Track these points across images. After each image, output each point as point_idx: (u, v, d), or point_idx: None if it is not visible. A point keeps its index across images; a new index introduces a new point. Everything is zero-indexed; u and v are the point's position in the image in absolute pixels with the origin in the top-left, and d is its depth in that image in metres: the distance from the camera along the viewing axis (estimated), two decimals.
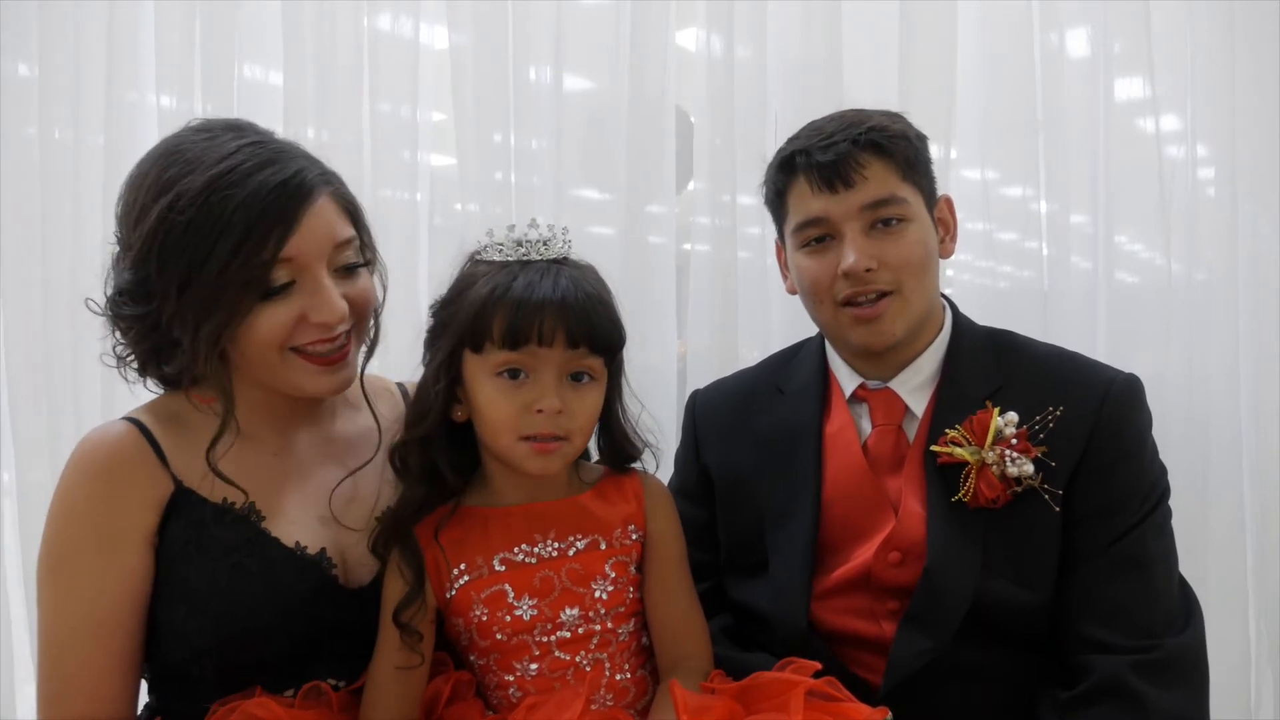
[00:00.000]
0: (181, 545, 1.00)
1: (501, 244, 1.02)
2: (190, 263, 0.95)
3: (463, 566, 1.02)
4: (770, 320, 1.65)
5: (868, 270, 1.10)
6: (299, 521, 1.05)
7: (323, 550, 1.05)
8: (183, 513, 1.01)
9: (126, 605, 1.00)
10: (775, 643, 1.14)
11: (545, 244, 1.01)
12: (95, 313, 1.05)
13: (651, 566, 1.06)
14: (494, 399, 0.98)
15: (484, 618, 1.01)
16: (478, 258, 1.03)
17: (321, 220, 1.00)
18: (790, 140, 1.17)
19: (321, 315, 1.00)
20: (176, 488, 1.01)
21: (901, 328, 1.13)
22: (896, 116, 1.16)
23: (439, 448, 1.03)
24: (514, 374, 0.98)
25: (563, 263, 1.01)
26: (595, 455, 1.12)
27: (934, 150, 1.21)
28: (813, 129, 1.15)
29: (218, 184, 0.95)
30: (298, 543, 1.04)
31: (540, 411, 0.97)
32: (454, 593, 1.02)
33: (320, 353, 1.02)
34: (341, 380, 1.05)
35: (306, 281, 1.00)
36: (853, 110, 1.17)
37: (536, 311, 0.95)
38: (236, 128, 1.03)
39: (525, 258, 1.00)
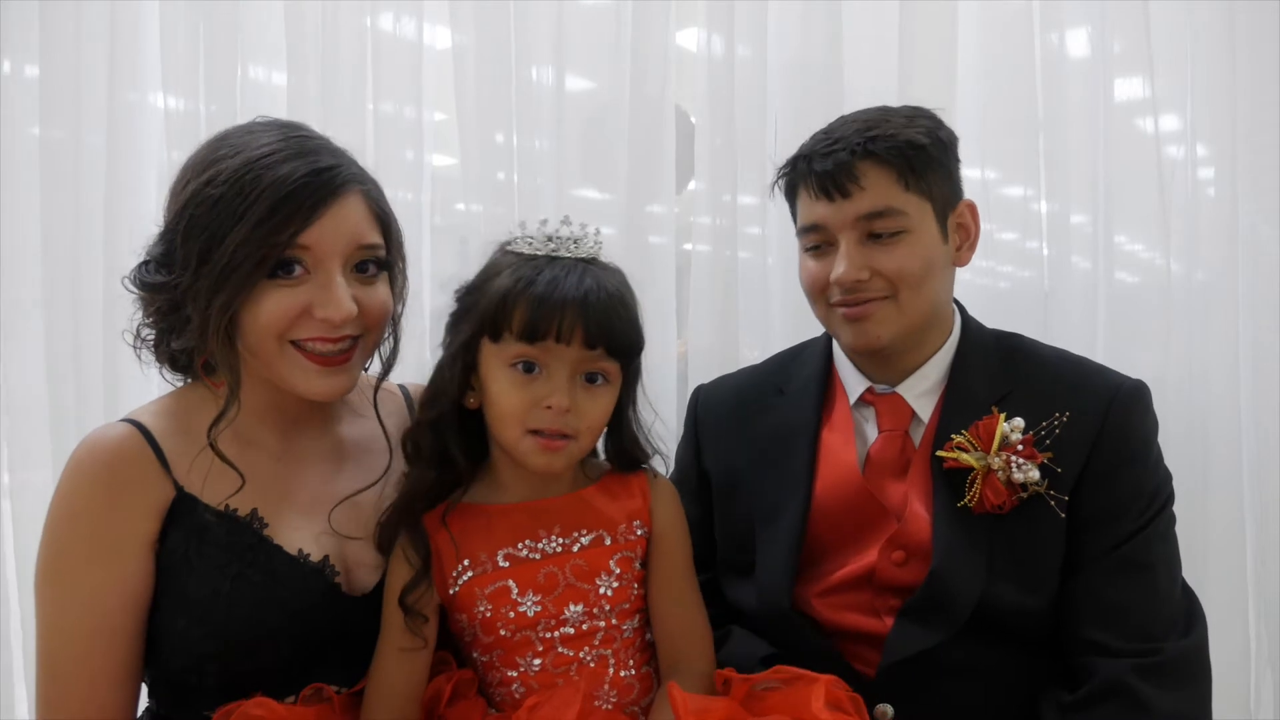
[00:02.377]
0: (183, 553, 1.00)
1: (532, 238, 1.02)
2: (212, 236, 0.96)
3: (466, 562, 1.02)
4: (770, 320, 1.65)
5: (859, 280, 1.10)
6: (302, 528, 1.05)
7: (325, 558, 1.04)
8: (184, 519, 1.00)
9: (126, 611, 0.99)
10: (762, 629, 1.15)
11: (576, 242, 1.02)
12: (126, 288, 1.06)
13: (655, 563, 1.06)
14: (506, 389, 0.99)
15: (488, 614, 1.01)
16: (507, 248, 1.04)
17: (346, 217, 1.00)
18: (806, 141, 1.16)
19: (326, 310, 0.99)
20: (178, 493, 1.01)
21: (889, 333, 1.12)
22: (918, 119, 1.13)
23: (451, 432, 1.03)
24: (528, 367, 0.98)
25: (590, 262, 1.01)
26: (602, 454, 1.12)
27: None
28: (825, 131, 1.14)
29: (254, 166, 0.97)
30: (300, 550, 1.03)
31: (549, 408, 0.97)
32: (457, 589, 1.02)
33: (320, 351, 1.01)
34: (337, 385, 1.04)
35: (320, 275, 0.99)
36: (877, 109, 1.15)
37: (558, 308, 0.96)
38: (294, 126, 1.04)
39: (554, 253, 1.00)
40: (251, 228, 0.95)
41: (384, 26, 1.72)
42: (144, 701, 1.08)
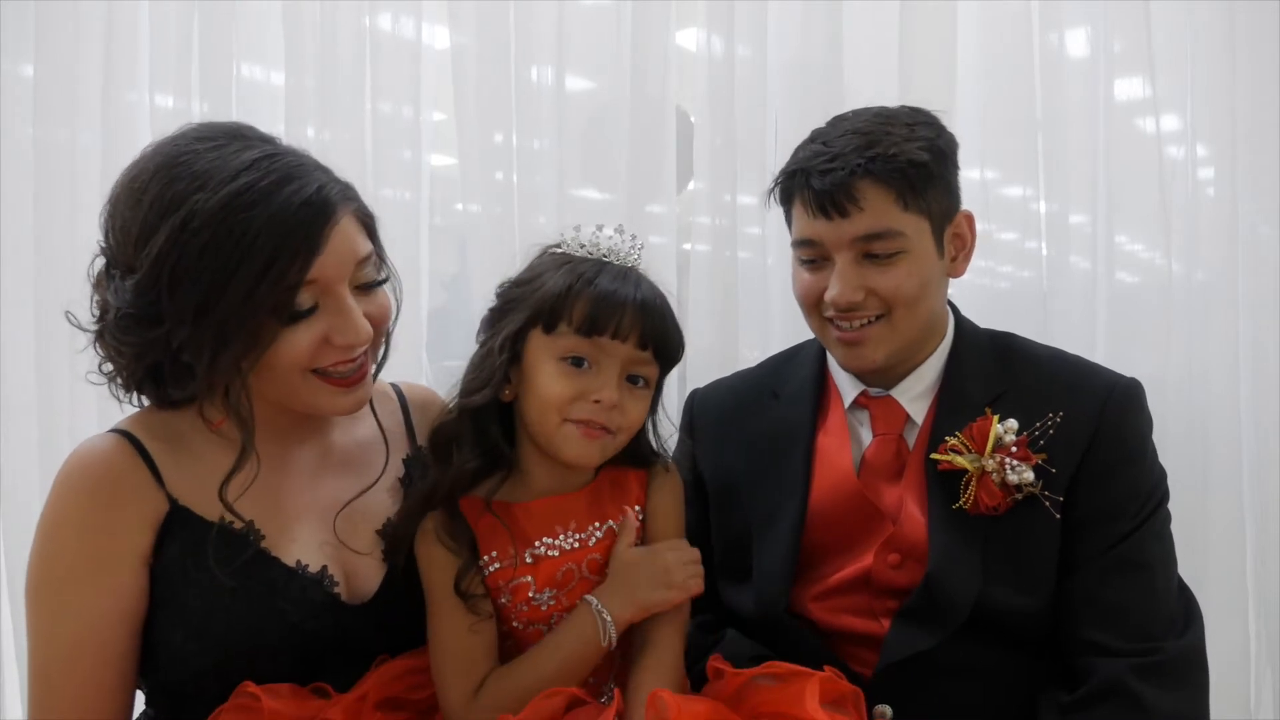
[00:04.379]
0: (179, 566, 0.98)
1: (584, 243, 1.05)
2: (209, 287, 0.90)
3: (494, 554, 1.03)
4: (770, 320, 1.65)
5: (851, 303, 1.09)
6: (300, 539, 1.04)
7: (324, 568, 1.03)
8: (179, 533, 0.99)
9: (118, 625, 0.98)
10: (759, 633, 1.15)
11: (624, 254, 1.05)
12: (75, 325, 1.02)
13: (645, 541, 1.07)
14: (553, 378, 1.00)
15: (506, 604, 1.02)
16: (552, 250, 1.06)
17: (344, 239, 0.97)
18: (801, 146, 1.14)
19: (346, 337, 0.97)
20: (172, 506, 0.99)
21: (884, 355, 1.12)
22: (918, 128, 1.10)
23: (492, 421, 1.05)
24: (578, 362, 1.00)
25: (638, 272, 1.05)
26: None
27: None
28: (823, 141, 1.11)
29: (236, 203, 0.90)
30: (299, 561, 1.02)
31: (597, 402, 0.99)
32: (483, 577, 1.03)
33: (341, 374, 1.00)
34: (360, 399, 1.03)
35: (330, 303, 0.97)
36: (875, 116, 1.12)
37: (619, 306, 0.99)
38: (240, 135, 0.98)
39: (605, 258, 1.04)
40: (256, 276, 0.90)
41: (383, 26, 1.72)
42: (141, 704, 1.07)
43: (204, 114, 1.73)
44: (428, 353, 1.75)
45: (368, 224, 1.03)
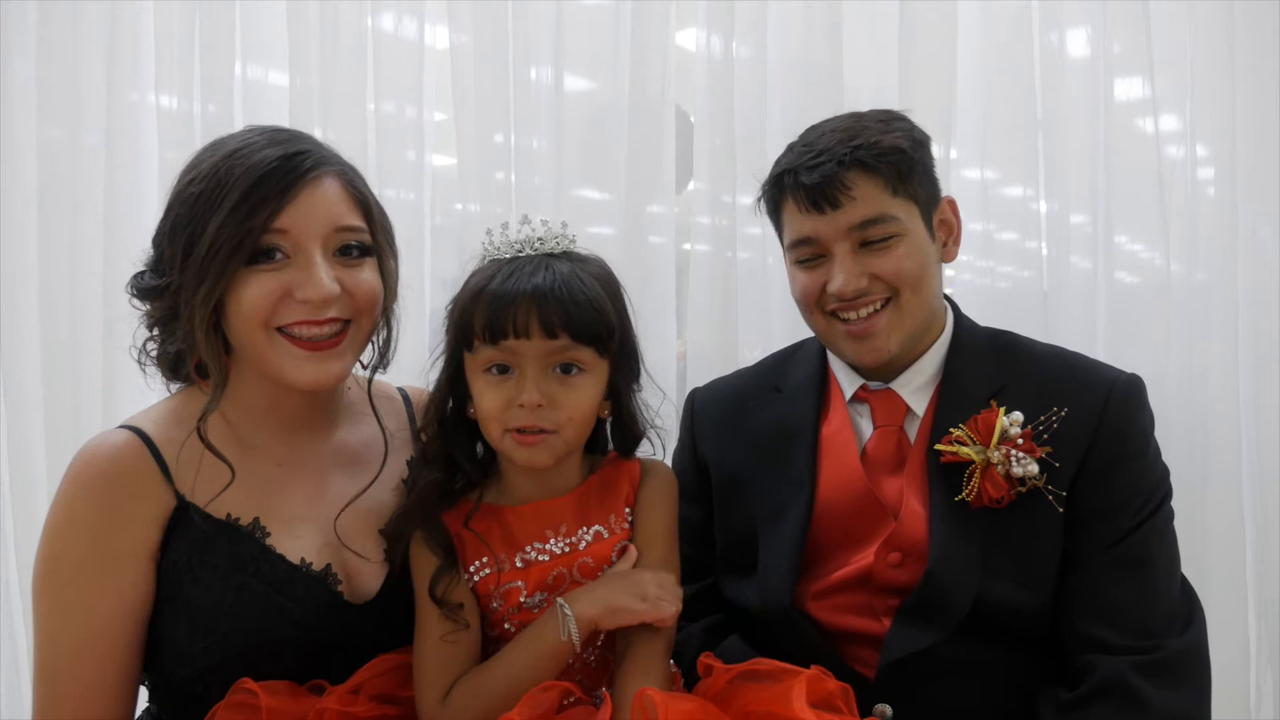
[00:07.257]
0: (184, 563, 0.99)
1: (498, 245, 1.03)
2: (193, 231, 0.97)
3: (484, 559, 1.02)
4: (770, 320, 1.65)
5: (857, 291, 1.10)
6: (304, 536, 1.04)
7: (328, 566, 1.03)
8: (185, 530, 1.00)
9: (123, 622, 0.99)
10: (763, 629, 1.15)
11: (540, 240, 1.02)
12: (129, 300, 1.06)
13: (635, 541, 1.05)
14: (484, 393, 1.00)
15: (497, 608, 1.02)
16: (485, 257, 1.04)
17: (321, 199, 1.00)
18: (783, 155, 1.16)
19: (307, 291, 0.98)
20: (179, 503, 1.00)
21: (896, 343, 1.12)
22: (893, 122, 1.14)
23: (454, 440, 1.05)
24: (502, 369, 0.99)
25: (557, 257, 1.01)
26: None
27: (934, 150, 1.19)
28: (804, 144, 1.14)
29: (229, 158, 0.98)
30: (303, 559, 1.03)
31: (522, 406, 0.98)
32: (474, 583, 1.03)
33: (307, 336, 1.00)
34: (329, 372, 1.03)
35: (299, 258, 0.99)
36: (849, 117, 1.15)
37: (510, 304, 0.96)
38: (279, 126, 1.06)
39: (519, 254, 1.01)
40: (227, 215, 0.96)
41: (385, 26, 1.72)
42: (144, 702, 1.08)
43: (207, 114, 1.74)
44: (430, 354, 1.74)
45: (361, 202, 1.05)
